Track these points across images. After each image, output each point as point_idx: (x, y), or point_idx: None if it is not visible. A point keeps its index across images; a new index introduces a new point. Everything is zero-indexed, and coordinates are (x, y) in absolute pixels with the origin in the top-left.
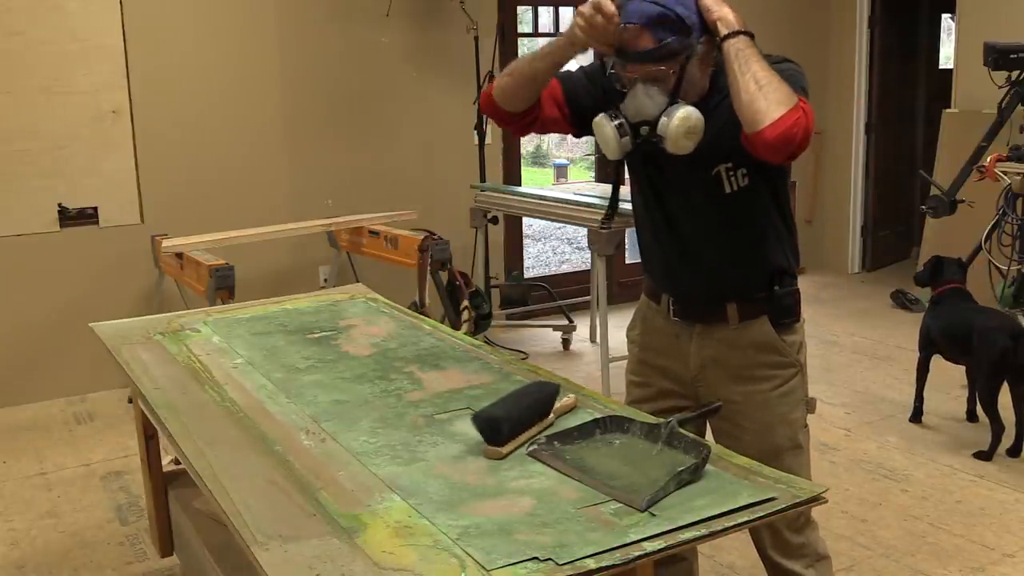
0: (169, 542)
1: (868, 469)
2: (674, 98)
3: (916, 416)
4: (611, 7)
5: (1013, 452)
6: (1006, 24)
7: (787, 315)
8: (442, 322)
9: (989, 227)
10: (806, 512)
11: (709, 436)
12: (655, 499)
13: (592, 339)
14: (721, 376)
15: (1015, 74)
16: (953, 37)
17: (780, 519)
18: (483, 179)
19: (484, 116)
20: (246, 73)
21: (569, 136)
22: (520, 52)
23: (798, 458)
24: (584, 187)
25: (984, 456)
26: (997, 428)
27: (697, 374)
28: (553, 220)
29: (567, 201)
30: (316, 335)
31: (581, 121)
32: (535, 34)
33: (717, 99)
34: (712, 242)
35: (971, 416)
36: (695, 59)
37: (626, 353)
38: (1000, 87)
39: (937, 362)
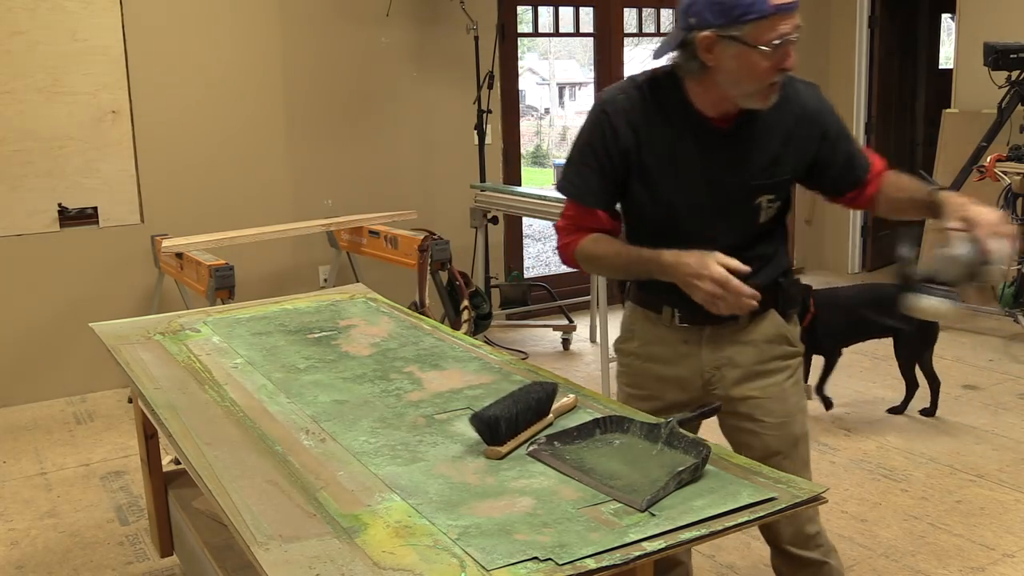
0: (169, 542)
1: (868, 469)
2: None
3: (899, 410)
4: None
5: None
6: (1006, 24)
7: (793, 304)
8: (442, 322)
9: None
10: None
11: (721, 438)
12: (655, 499)
13: (592, 339)
14: (736, 374)
15: (1015, 74)
16: (953, 37)
17: (799, 512)
18: (483, 179)
19: (484, 116)
20: (246, 73)
21: (569, 136)
22: (520, 52)
23: (807, 443)
24: None
25: (896, 410)
26: (912, 388)
27: (711, 377)
28: (553, 220)
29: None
30: (316, 335)
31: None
32: (535, 34)
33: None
34: (737, 257)
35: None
36: None
37: None
38: (1000, 87)
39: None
